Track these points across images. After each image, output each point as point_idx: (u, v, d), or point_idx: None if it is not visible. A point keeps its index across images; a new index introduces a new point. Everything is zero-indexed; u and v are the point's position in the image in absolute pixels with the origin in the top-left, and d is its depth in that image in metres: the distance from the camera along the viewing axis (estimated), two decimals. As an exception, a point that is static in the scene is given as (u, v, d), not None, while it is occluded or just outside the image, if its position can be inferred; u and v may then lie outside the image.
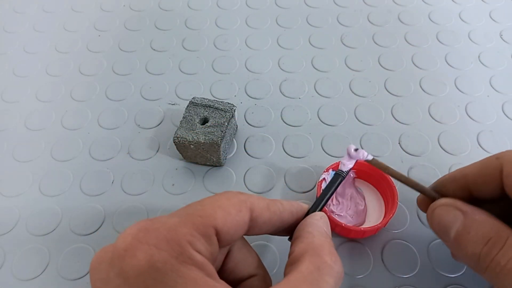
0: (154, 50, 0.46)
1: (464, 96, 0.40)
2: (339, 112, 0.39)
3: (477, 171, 0.24)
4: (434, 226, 0.25)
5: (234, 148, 0.37)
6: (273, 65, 0.43)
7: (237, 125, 0.37)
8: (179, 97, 0.41)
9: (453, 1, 0.49)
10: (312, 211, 0.24)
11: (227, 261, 0.22)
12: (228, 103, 0.34)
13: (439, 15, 0.48)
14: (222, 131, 0.32)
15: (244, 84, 0.41)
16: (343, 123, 0.38)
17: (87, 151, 0.37)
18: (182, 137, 0.32)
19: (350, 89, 0.41)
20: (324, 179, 0.32)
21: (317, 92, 0.41)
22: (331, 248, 0.21)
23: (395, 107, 0.39)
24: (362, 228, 0.29)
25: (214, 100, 0.35)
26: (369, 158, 0.26)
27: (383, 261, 0.30)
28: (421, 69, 0.42)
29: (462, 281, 0.29)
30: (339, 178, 0.26)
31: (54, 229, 0.32)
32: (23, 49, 0.47)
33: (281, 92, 0.41)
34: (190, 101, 0.35)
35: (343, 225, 0.29)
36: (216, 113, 0.34)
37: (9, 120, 0.40)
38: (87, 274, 0.30)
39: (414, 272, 0.29)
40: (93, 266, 0.19)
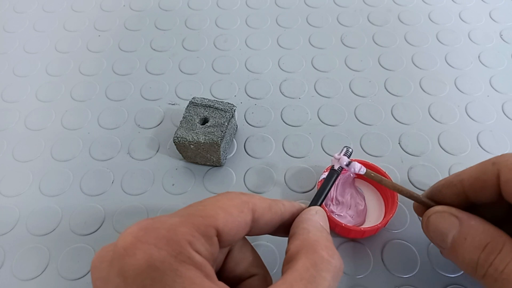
0: (154, 50, 0.46)
1: (464, 96, 0.40)
2: (339, 112, 0.39)
3: (474, 176, 0.24)
4: (430, 233, 0.24)
5: (234, 148, 0.37)
6: (273, 65, 0.43)
7: (237, 125, 0.37)
8: (179, 97, 0.41)
9: (453, 1, 0.49)
10: None
11: (228, 260, 0.22)
12: (228, 103, 0.34)
13: (439, 15, 0.48)
14: (222, 131, 0.32)
15: (244, 84, 0.41)
16: (343, 123, 0.38)
17: (87, 151, 0.37)
18: (182, 137, 0.32)
19: (350, 89, 0.41)
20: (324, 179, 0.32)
21: (317, 92, 0.41)
22: (328, 243, 0.20)
23: (395, 107, 0.39)
24: (362, 228, 0.29)
25: (214, 100, 0.35)
26: (362, 171, 0.26)
27: (383, 261, 0.30)
28: (421, 69, 0.42)
29: (462, 281, 0.29)
30: (335, 174, 0.26)
31: (54, 229, 0.32)
32: (23, 49, 0.47)
33: (281, 92, 0.41)
34: (190, 101, 0.35)
35: (343, 225, 0.29)
36: (216, 113, 0.34)
37: (9, 120, 0.40)
38: (87, 274, 0.30)
39: (414, 272, 0.29)
40: (94, 265, 0.19)
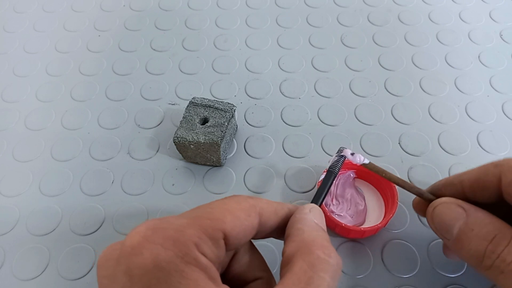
0: (154, 50, 0.46)
1: (464, 96, 0.40)
2: (339, 112, 0.39)
3: (475, 177, 0.24)
4: (435, 224, 0.24)
5: (234, 148, 0.37)
6: (273, 65, 0.43)
7: (237, 125, 0.37)
8: (179, 97, 0.41)
9: (453, 1, 0.49)
10: None
11: (233, 263, 0.22)
12: (228, 103, 0.34)
13: (439, 15, 0.48)
14: (222, 131, 0.32)
15: (244, 84, 0.41)
16: (343, 123, 0.38)
17: (87, 151, 0.37)
18: (182, 137, 0.32)
19: (350, 89, 0.41)
20: (324, 179, 0.32)
21: (317, 92, 0.41)
22: (323, 241, 0.20)
23: (395, 107, 0.39)
24: (362, 228, 0.29)
25: (214, 100, 0.35)
26: (366, 162, 0.27)
27: (383, 261, 0.30)
28: (421, 69, 0.42)
29: (462, 281, 0.29)
30: (331, 175, 0.27)
31: (54, 229, 0.32)
32: (23, 49, 0.47)
33: (281, 92, 0.41)
34: (190, 101, 0.35)
35: (343, 225, 0.29)
36: (216, 113, 0.34)
37: (9, 120, 0.40)
38: (87, 274, 0.30)
39: (414, 272, 0.29)
40: (100, 263, 0.19)
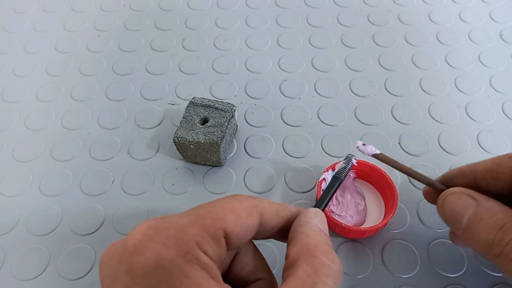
0: (154, 50, 0.46)
1: (464, 96, 0.40)
2: (339, 112, 0.39)
3: (488, 168, 0.24)
4: (446, 214, 0.25)
5: (234, 148, 0.37)
6: (273, 65, 0.43)
7: (237, 125, 0.37)
8: (179, 97, 0.41)
9: (453, 1, 0.49)
10: None
11: (234, 263, 0.22)
12: (228, 103, 0.34)
13: (439, 15, 0.48)
14: (222, 131, 0.32)
15: (244, 84, 0.41)
16: (343, 123, 0.38)
17: (87, 151, 0.37)
18: (182, 137, 0.32)
19: (350, 89, 0.41)
20: (324, 179, 0.32)
21: (317, 92, 0.41)
22: (327, 247, 0.20)
23: (395, 107, 0.39)
24: (362, 228, 0.29)
25: (214, 100, 0.35)
26: (377, 152, 0.27)
27: (383, 261, 0.30)
28: (421, 69, 0.42)
29: (462, 281, 0.29)
30: (337, 181, 0.27)
31: (54, 229, 0.32)
32: (23, 49, 0.47)
33: (281, 92, 0.41)
34: (190, 101, 0.35)
35: (343, 225, 0.29)
36: (216, 113, 0.34)
37: (9, 120, 0.40)
38: (87, 274, 0.30)
39: (414, 272, 0.29)
40: (103, 262, 0.19)
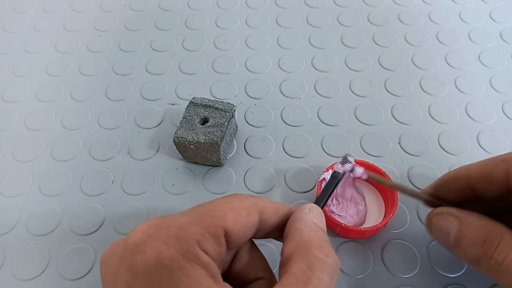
0: (154, 50, 0.46)
1: (464, 96, 0.40)
2: (339, 112, 0.39)
3: (482, 172, 0.24)
4: (434, 234, 0.25)
5: (234, 148, 0.37)
6: (273, 65, 0.43)
7: (237, 125, 0.37)
8: (179, 97, 0.41)
9: (453, 1, 0.49)
10: None
11: (234, 262, 0.22)
12: (228, 103, 0.34)
13: (439, 15, 0.48)
14: (222, 131, 0.32)
15: (244, 84, 0.41)
16: (343, 123, 0.38)
17: (87, 151, 0.37)
18: (182, 137, 0.32)
19: (350, 89, 0.41)
20: (324, 179, 0.32)
21: (317, 92, 0.41)
22: (321, 241, 0.20)
23: (395, 107, 0.39)
24: (362, 228, 0.29)
25: (214, 100, 0.35)
26: (364, 177, 0.28)
27: (383, 261, 0.30)
28: (421, 69, 0.42)
29: (462, 281, 0.29)
30: (336, 179, 0.27)
31: (54, 229, 0.32)
32: (23, 49, 0.47)
33: (281, 92, 0.41)
34: (190, 101, 0.35)
35: (343, 225, 0.29)
36: (216, 113, 0.34)
37: (9, 120, 0.40)
38: (87, 274, 0.30)
39: (414, 272, 0.29)
40: (104, 260, 0.19)
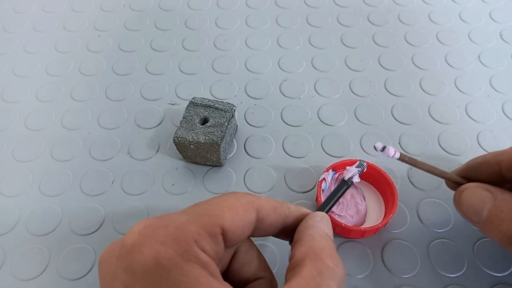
0: (154, 50, 0.46)
1: (464, 96, 0.40)
2: (339, 112, 0.39)
3: None
4: (463, 208, 0.25)
5: (234, 148, 0.37)
6: (273, 65, 0.43)
7: (237, 125, 0.37)
8: (179, 97, 0.41)
9: (453, 1, 0.49)
10: None
11: (234, 262, 0.22)
12: (228, 103, 0.34)
13: (439, 15, 0.48)
14: (222, 131, 0.32)
15: (244, 84, 0.41)
16: (343, 123, 0.38)
17: (87, 151, 0.37)
18: (182, 137, 0.32)
19: (350, 89, 0.41)
20: (324, 179, 0.32)
21: (317, 92, 0.41)
22: (333, 251, 0.20)
23: (395, 107, 0.39)
24: (362, 228, 0.29)
25: (214, 100, 0.35)
26: (397, 156, 0.25)
27: (383, 261, 0.30)
28: (421, 69, 0.42)
29: (462, 281, 0.29)
30: (345, 186, 0.27)
31: (54, 229, 0.32)
32: (23, 49, 0.47)
33: (281, 92, 0.41)
34: (190, 101, 0.35)
35: (343, 225, 0.29)
36: (216, 113, 0.34)
37: (9, 120, 0.40)
38: (87, 274, 0.30)
39: (414, 272, 0.29)
40: (102, 260, 0.19)
